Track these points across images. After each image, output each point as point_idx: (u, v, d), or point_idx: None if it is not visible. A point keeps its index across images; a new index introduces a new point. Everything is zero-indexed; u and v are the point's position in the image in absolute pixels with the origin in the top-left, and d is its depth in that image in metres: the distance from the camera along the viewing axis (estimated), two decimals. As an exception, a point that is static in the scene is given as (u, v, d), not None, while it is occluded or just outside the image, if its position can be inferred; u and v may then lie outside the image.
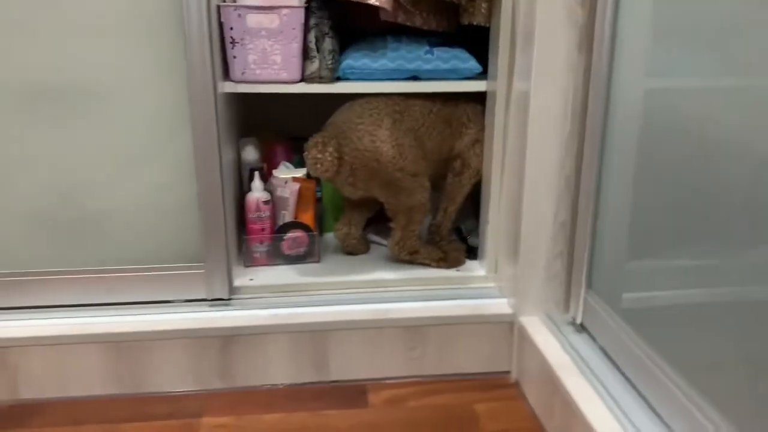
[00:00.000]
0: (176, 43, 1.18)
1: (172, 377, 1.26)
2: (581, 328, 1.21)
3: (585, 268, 1.17)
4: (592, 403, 1.01)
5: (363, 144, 1.29)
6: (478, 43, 1.36)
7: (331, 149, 1.28)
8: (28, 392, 1.24)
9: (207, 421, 1.19)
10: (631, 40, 1.04)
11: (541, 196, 1.20)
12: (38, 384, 1.24)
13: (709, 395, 0.86)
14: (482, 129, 1.38)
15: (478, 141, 1.39)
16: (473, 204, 1.49)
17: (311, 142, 1.29)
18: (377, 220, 1.54)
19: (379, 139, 1.29)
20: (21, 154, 1.22)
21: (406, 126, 1.32)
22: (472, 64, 1.33)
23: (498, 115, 1.30)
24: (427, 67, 1.32)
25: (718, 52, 0.85)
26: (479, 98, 1.37)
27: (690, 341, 0.93)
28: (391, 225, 1.41)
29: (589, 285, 1.18)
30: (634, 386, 1.03)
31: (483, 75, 1.35)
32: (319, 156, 1.28)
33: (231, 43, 1.25)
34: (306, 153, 1.29)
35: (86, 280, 1.27)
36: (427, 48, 1.33)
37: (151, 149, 1.25)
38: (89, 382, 1.24)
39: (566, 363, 1.12)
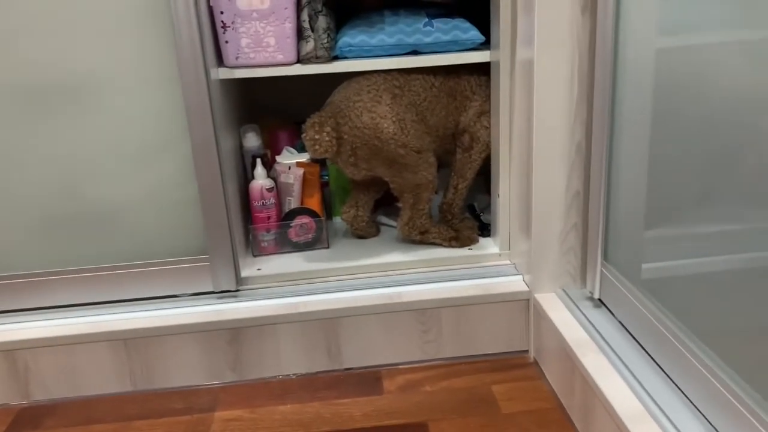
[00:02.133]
0: (169, 33, 1.15)
1: (183, 372, 1.24)
2: (599, 302, 1.16)
3: (600, 240, 1.12)
4: (612, 380, 0.97)
5: (362, 121, 1.25)
6: (478, 11, 1.30)
7: (328, 129, 1.24)
8: (40, 393, 1.23)
9: (220, 414, 1.18)
10: (638, -4, 0.98)
11: (552, 166, 1.15)
12: (50, 385, 1.23)
13: (734, 367, 0.81)
14: (487, 100, 1.33)
15: (484, 113, 1.34)
16: (486, 180, 1.44)
17: (308, 122, 1.25)
18: (386, 202, 1.50)
19: (379, 116, 1.25)
20: (22, 153, 1.21)
21: (407, 101, 1.28)
22: (474, 34, 1.28)
23: (503, 85, 1.25)
24: (428, 39, 1.27)
25: (736, 2, 0.79)
26: (482, 69, 1.32)
27: (713, 311, 0.88)
28: (399, 205, 1.37)
29: (606, 257, 1.13)
30: (655, 361, 0.99)
31: (485, 45, 1.30)
32: (317, 137, 1.24)
33: (222, 27, 1.21)
34: (303, 134, 1.25)
35: (91, 279, 1.26)
36: (426, 20, 1.28)
37: (152, 143, 1.23)
38: (101, 380, 1.23)
39: (584, 339, 1.07)
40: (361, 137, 1.26)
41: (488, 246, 1.38)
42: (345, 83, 1.31)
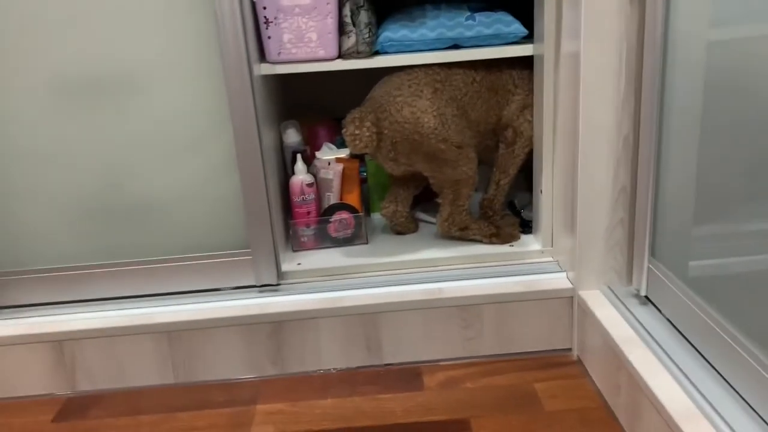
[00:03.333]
0: (212, 28, 1.16)
1: (225, 365, 1.25)
2: (645, 299, 1.14)
3: (648, 236, 1.10)
4: (661, 378, 0.95)
5: (403, 116, 1.25)
6: (521, 4, 1.29)
7: (368, 124, 1.24)
8: (86, 384, 1.26)
9: (262, 408, 1.18)
10: (689, -14, 0.96)
11: (598, 160, 1.13)
12: (95, 376, 1.25)
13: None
14: (530, 93, 1.32)
15: (527, 107, 1.32)
16: (526, 176, 1.43)
17: (348, 118, 1.25)
18: (425, 198, 1.49)
19: (420, 110, 1.24)
20: (67, 146, 1.23)
21: (448, 95, 1.27)
22: (517, 28, 1.26)
23: (547, 78, 1.23)
24: (469, 33, 1.26)
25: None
26: (524, 62, 1.31)
27: (764, 309, 0.85)
28: (439, 201, 1.37)
29: (653, 254, 1.11)
30: (704, 357, 0.96)
31: (529, 38, 1.28)
32: (357, 132, 1.24)
33: (265, 23, 1.22)
34: (344, 130, 1.26)
35: (135, 272, 1.28)
36: (468, 14, 1.27)
37: (195, 137, 1.24)
38: (145, 372, 1.25)
39: (631, 337, 1.05)
40: (401, 132, 1.26)
41: (530, 243, 1.37)
42: (386, 78, 1.31)
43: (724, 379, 0.91)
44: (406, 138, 1.26)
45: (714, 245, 0.98)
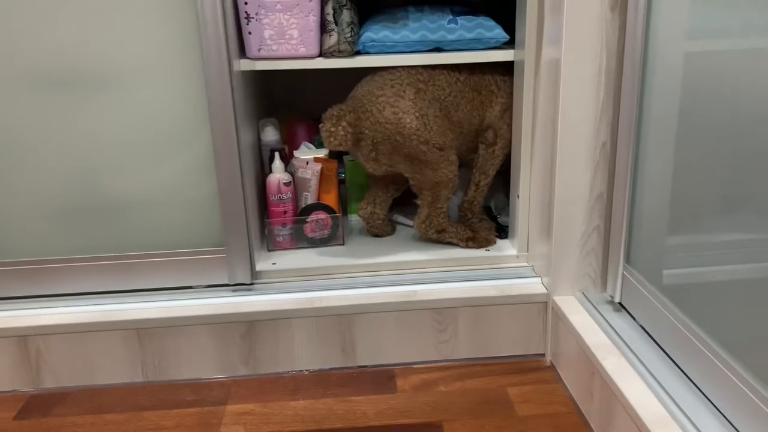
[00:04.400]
0: (192, 23, 1.14)
1: (195, 364, 1.23)
2: (620, 306, 1.14)
3: (623, 243, 1.11)
4: (633, 384, 0.95)
5: (384, 116, 1.24)
6: (503, 9, 1.29)
7: (344, 123, 1.23)
8: (51, 381, 1.22)
9: (232, 408, 1.16)
10: (669, -4, 0.97)
11: (575, 167, 1.13)
12: (61, 373, 1.22)
13: (757, 373, 0.80)
14: (512, 96, 1.32)
15: (509, 109, 1.33)
16: (504, 181, 1.43)
17: (326, 114, 1.24)
18: (402, 201, 1.49)
19: (402, 110, 1.24)
20: (42, 141, 1.20)
21: (431, 96, 1.26)
22: (498, 33, 1.27)
23: (527, 84, 1.23)
24: (451, 37, 1.26)
25: (766, 8, 0.78)
26: (507, 65, 1.31)
27: (738, 318, 0.86)
28: (417, 202, 1.36)
29: (628, 261, 1.12)
30: (676, 364, 0.97)
31: (510, 43, 1.28)
32: (332, 129, 1.23)
33: (246, 18, 1.21)
34: (321, 126, 1.25)
35: (106, 267, 1.25)
36: (450, 17, 1.27)
37: (172, 133, 1.22)
38: (112, 369, 1.22)
39: (604, 343, 1.06)
40: (382, 132, 1.25)
41: (506, 247, 1.37)
42: (368, 77, 1.30)
43: (696, 386, 0.92)
44: (388, 138, 1.26)
45: (688, 254, 0.99)
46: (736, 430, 0.83)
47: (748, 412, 0.80)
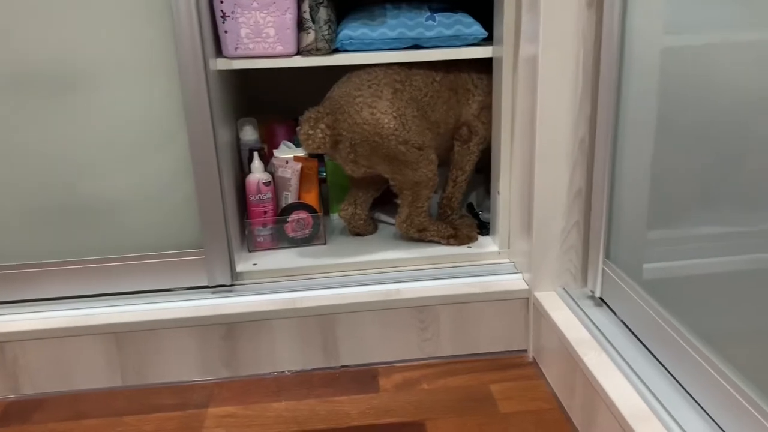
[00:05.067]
0: (168, 22, 1.12)
1: (176, 367, 1.22)
2: (600, 301, 1.15)
3: (603, 239, 1.11)
4: (615, 380, 0.95)
5: (362, 117, 1.23)
6: (481, 6, 1.29)
7: (322, 125, 1.22)
8: (29, 387, 1.21)
9: (213, 411, 1.15)
10: (645, -8, 0.97)
11: (554, 163, 1.13)
12: (39, 378, 1.20)
13: (738, 367, 0.80)
14: (489, 95, 1.32)
15: (486, 107, 1.33)
16: (485, 178, 1.43)
17: (304, 117, 1.23)
18: (384, 199, 1.48)
19: (379, 111, 1.23)
20: (15, 143, 1.18)
21: (408, 96, 1.26)
22: (477, 29, 1.26)
23: (505, 81, 1.23)
24: (430, 34, 1.26)
25: (743, 3, 0.78)
26: (484, 63, 1.31)
27: (717, 312, 0.86)
28: (398, 201, 1.36)
29: (608, 256, 1.12)
30: (657, 360, 0.97)
31: (488, 40, 1.28)
32: (311, 132, 1.22)
33: (222, 16, 1.19)
34: (298, 129, 1.24)
35: (84, 271, 1.23)
36: (429, 14, 1.26)
37: (148, 134, 1.20)
38: (92, 374, 1.21)
39: (586, 338, 1.06)
40: (360, 133, 1.24)
41: (487, 244, 1.37)
42: (345, 77, 1.30)
43: (676, 380, 0.93)
44: (366, 140, 1.25)
45: (667, 248, 0.99)
46: (716, 423, 0.83)
47: (728, 406, 0.80)
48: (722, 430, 0.82)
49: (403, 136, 1.25)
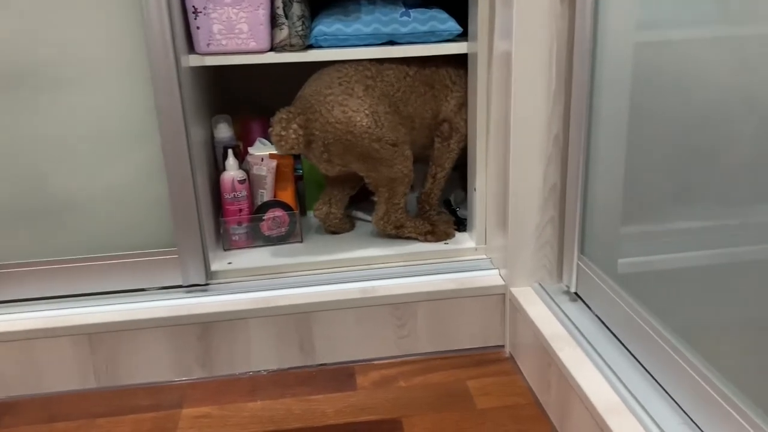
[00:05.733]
0: (138, 18, 1.11)
1: (150, 368, 1.20)
2: (575, 296, 1.15)
3: (577, 234, 1.12)
4: (589, 374, 0.96)
5: (334, 116, 1.22)
6: (455, 2, 1.29)
7: (295, 126, 1.21)
8: (0, 391, 1.19)
9: (188, 411, 1.14)
10: (616, -13, 0.98)
11: (529, 159, 1.14)
12: (10, 381, 1.18)
13: (711, 360, 0.81)
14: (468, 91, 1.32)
15: (465, 104, 1.32)
16: (462, 175, 1.43)
17: (276, 117, 1.22)
18: (361, 197, 1.48)
19: (351, 109, 1.22)
20: (-23, 140, 1.16)
21: (380, 92, 1.25)
22: (451, 25, 1.26)
23: (480, 77, 1.23)
24: (404, 30, 1.25)
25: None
26: (462, 59, 1.31)
27: (690, 306, 0.87)
28: (374, 199, 1.35)
29: (582, 251, 1.13)
30: (632, 354, 0.98)
31: (463, 36, 1.28)
32: (283, 133, 1.21)
33: (193, 12, 1.18)
34: (270, 130, 1.23)
35: (55, 271, 1.21)
36: (403, 10, 1.26)
37: (119, 132, 1.18)
38: (63, 377, 1.19)
39: (561, 333, 1.06)
40: (333, 133, 1.23)
41: (464, 240, 1.37)
42: (316, 75, 1.29)
43: (650, 374, 0.93)
44: (339, 139, 1.24)
45: (641, 243, 1.00)
46: (689, 416, 0.84)
47: (700, 399, 0.81)
48: (695, 423, 0.83)
49: (376, 134, 1.24)
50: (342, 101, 1.22)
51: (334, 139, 1.24)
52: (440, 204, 1.44)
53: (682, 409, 0.85)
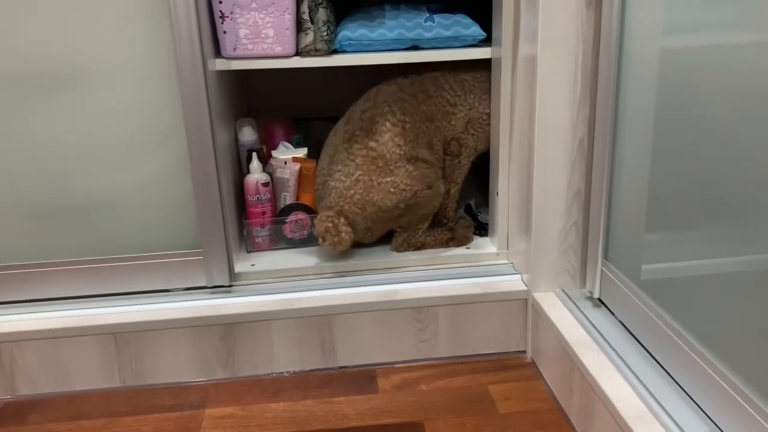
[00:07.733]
0: (165, 22, 1.12)
1: (174, 368, 1.22)
2: (599, 302, 1.15)
3: (601, 240, 1.11)
4: (613, 380, 0.95)
5: (362, 205, 1.27)
6: (479, 7, 1.29)
7: (343, 227, 1.26)
8: (26, 388, 1.20)
9: (211, 412, 1.15)
10: (643, -7, 0.98)
11: (553, 163, 1.13)
12: (36, 379, 1.20)
13: (735, 367, 0.80)
14: (472, 108, 1.32)
15: (471, 121, 1.32)
16: (483, 179, 1.43)
17: (320, 226, 1.26)
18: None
19: (377, 196, 1.26)
20: (12, 143, 1.18)
21: (397, 156, 1.27)
22: (475, 30, 1.26)
23: (504, 81, 1.23)
24: (428, 35, 1.26)
25: (742, 5, 0.78)
26: (459, 78, 1.31)
27: (714, 312, 0.86)
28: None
29: (606, 257, 1.12)
30: (656, 360, 0.97)
31: (487, 41, 1.28)
32: (336, 239, 1.25)
33: (220, 17, 1.19)
34: (321, 242, 1.27)
35: (82, 271, 1.23)
36: (427, 15, 1.26)
37: (146, 134, 1.20)
38: (89, 375, 1.20)
39: (584, 339, 1.06)
40: (371, 216, 1.28)
41: (486, 245, 1.37)
42: (326, 149, 1.32)
43: (675, 381, 0.92)
44: (375, 220, 1.28)
45: (666, 249, 0.99)
46: (714, 423, 0.83)
47: (726, 406, 0.80)
48: (720, 429, 0.82)
49: (407, 198, 1.27)
50: (366, 194, 1.26)
51: (373, 221, 1.29)
52: (460, 209, 1.44)
53: (708, 417, 0.85)
